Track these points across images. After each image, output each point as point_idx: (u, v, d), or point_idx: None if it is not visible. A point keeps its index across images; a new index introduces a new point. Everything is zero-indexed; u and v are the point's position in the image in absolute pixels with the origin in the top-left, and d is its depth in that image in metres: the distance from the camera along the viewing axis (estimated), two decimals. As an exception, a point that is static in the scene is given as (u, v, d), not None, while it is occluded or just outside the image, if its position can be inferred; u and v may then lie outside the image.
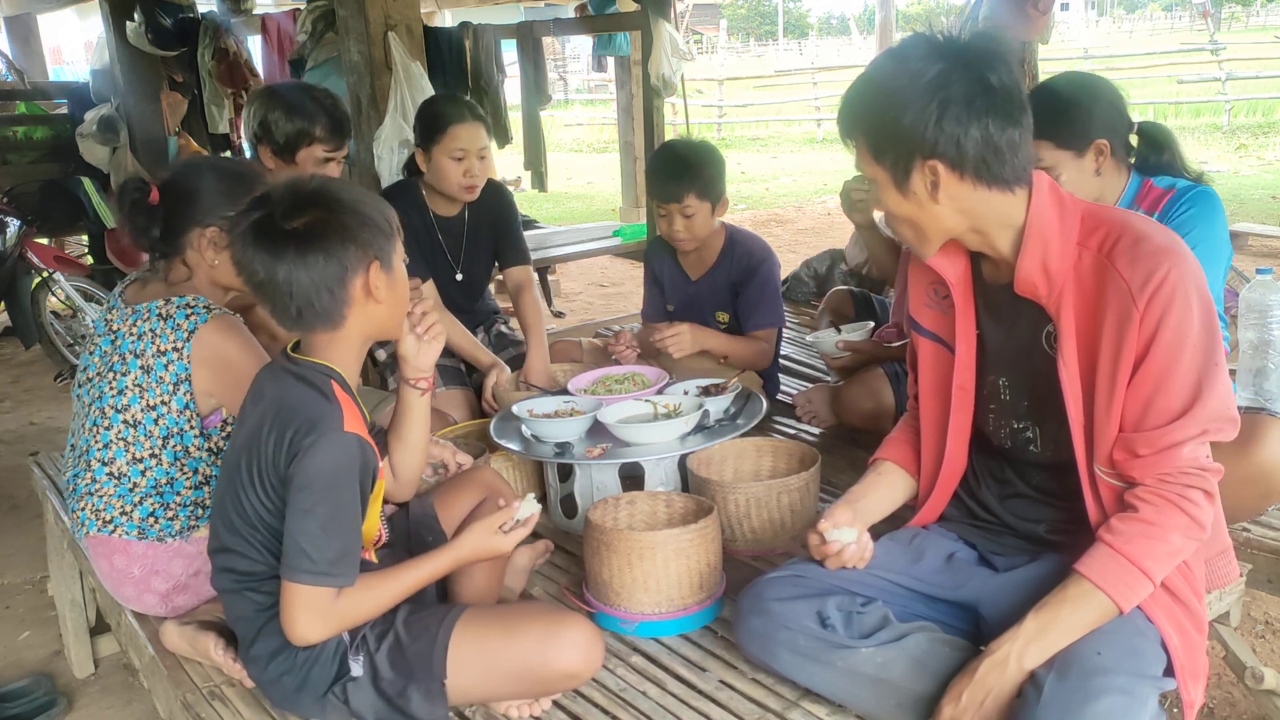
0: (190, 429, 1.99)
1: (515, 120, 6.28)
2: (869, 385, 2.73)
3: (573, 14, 7.54)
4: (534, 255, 3.36)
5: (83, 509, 2.02)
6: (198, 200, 2.01)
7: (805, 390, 3.02)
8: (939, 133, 1.44)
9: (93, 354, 2.09)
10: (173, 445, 1.99)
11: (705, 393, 2.50)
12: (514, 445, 2.36)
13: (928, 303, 1.76)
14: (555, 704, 1.70)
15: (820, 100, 17.17)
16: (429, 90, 3.78)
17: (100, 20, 6.21)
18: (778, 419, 2.99)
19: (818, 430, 2.90)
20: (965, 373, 1.70)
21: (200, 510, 2.01)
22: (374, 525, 1.69)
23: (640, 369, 2.72)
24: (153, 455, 1.98)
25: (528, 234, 3.37)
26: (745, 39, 47.88)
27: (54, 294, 5.31)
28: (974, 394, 1.71)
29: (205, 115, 6.08)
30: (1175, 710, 1.55)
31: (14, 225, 5.29)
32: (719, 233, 2.97)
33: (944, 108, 1.43)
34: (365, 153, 3.88)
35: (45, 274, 5.24)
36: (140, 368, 1.97)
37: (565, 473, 2.40)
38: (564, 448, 2.32)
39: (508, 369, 2.90)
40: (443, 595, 1.89)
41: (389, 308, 1.63)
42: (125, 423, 1.98)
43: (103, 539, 1.99)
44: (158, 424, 1.97)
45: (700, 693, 1.72)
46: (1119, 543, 1.46)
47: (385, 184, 3.73)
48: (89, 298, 5.36)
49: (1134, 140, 2.27)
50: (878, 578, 1.71)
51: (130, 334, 1.99)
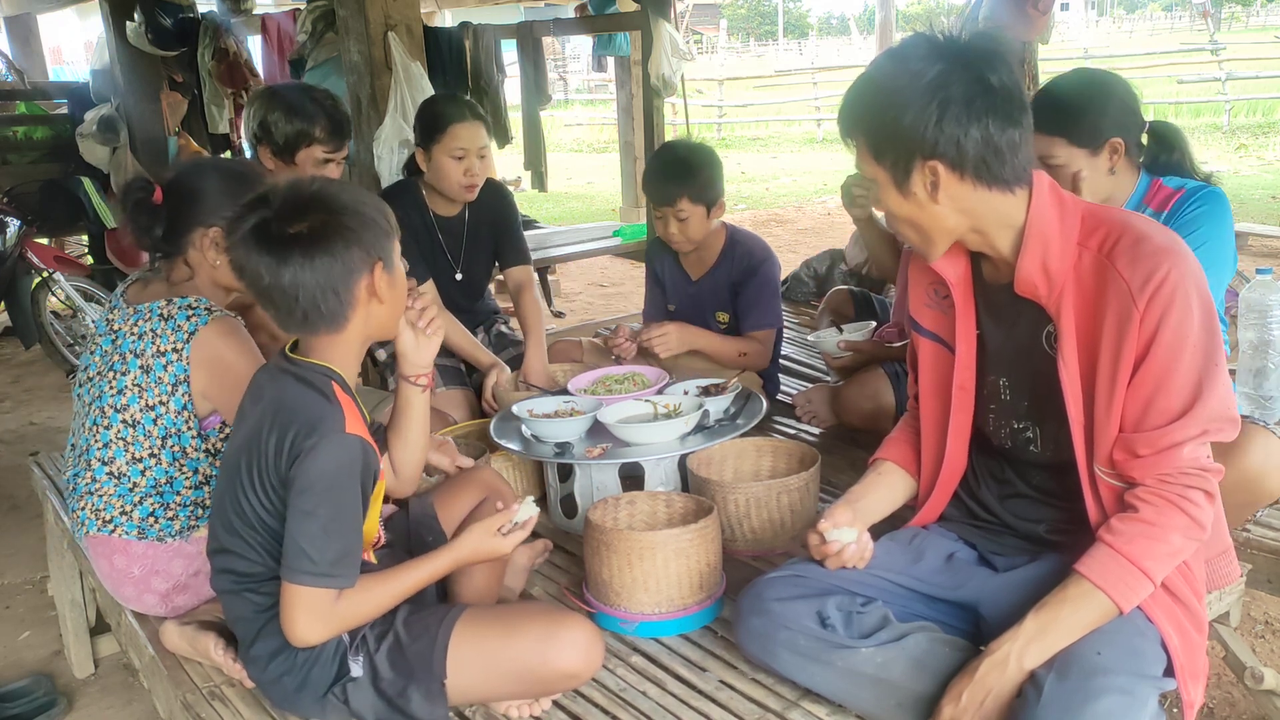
0: (188, 430, 1.99)
1: (515, 120, 6.27)
2: (869, 385, 2.73)
3: (573, 14, 7.54)
4: (534, 255, 3.36)
5: (83, 508, 2.02)
6: (201, 200, 2.01)
7: (805, 390, 3.02)
8: (939, 133, 1.44)
9: (93, 353, 2.09)
10: (171, 445, 1.99)
11: (705, 393, 2.50)
12: (514, 445, 2.36)
13: (928, 303, 1.76)
14: (555, 704, 1.70)
15: (820, 100, 17.17)
16: (429, 90, 3.77)
17: (100, 20, 6.21)
18: (778, 419, 2.99)
19: (818, 430, 2.90)
20: (965, 373, 1.70)
21: (200, 510, 2.01)
22: (374, 526, 1.69)
23: (640, 369, 2.72)
24: (152, 455, 1.98)
25: (528, 234, 3.37)
26: (745, 39, 47.87)
27: (54, 294, 5.31)
28: (974, 394, 1.71)
29: (205, 115, 6.08)
30: (1175, 710, 1.55)
31: (14, 225, 5.29)
32: (719, 233, 2.97)
33: (944, 108, 1.43)
34: (365, 153, 3.88)
35: (45, 274, 5.24)
36: (140, 368, 1.96)
37: (565, 473, 2.40)
38: (564, 448, 2.32)
39: (508, 369, 2.90)
40: (443, 595, 1.89)
41: (390, 308, 1.63)
42: (125, 422, 1.98)
43: (103, 539, 1.99)
44: (156, 424, 1.97)
45: (700, 693, 1.72)
46: (1119, 543, 1.46)
47: (385, 184, 3.73)
48: (89, 298, 5.36)
49: (1144, 139, 2.24)
50: (878, 578, 1.71)
51: (131, 334, 1.99)
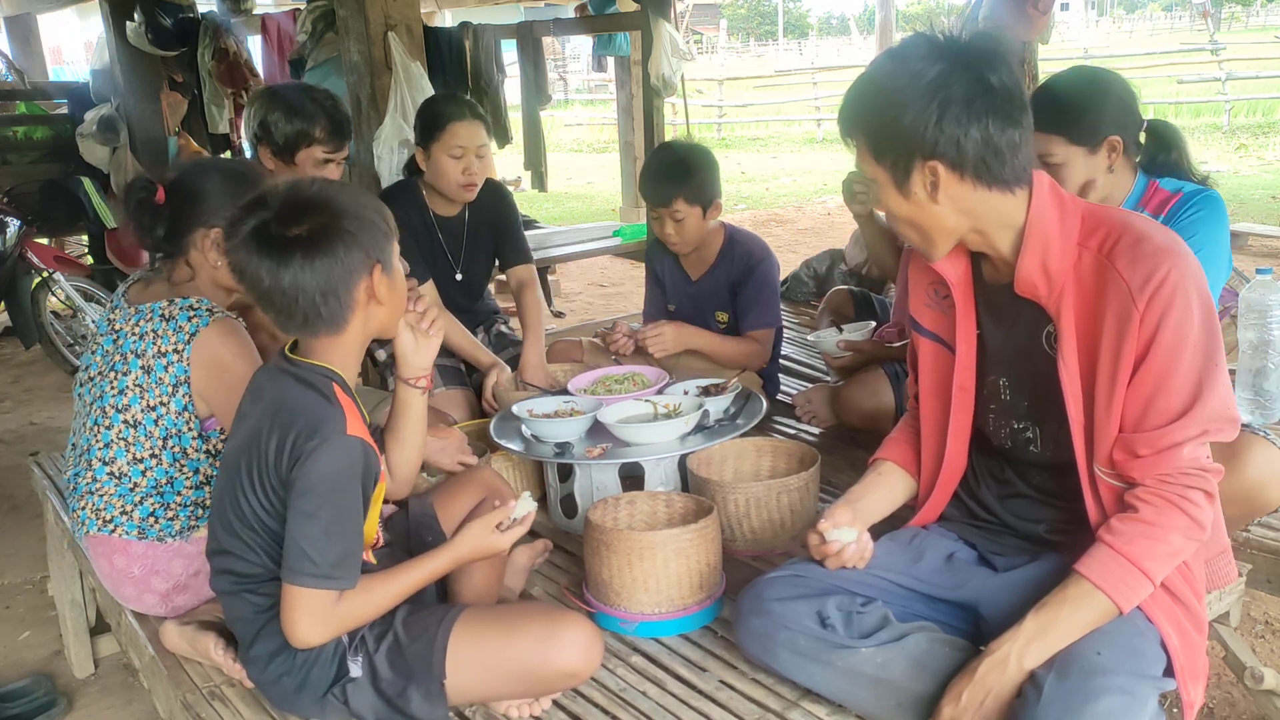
0: (188, 431, 1.99)
1: (515, 120, 6.27)
2: (869, 385, 2.73)
3: (573, 14, 7.54)
4: (534, 255, 3.36)
5: (83, 508, 2.02)
6: (203, 201, 2.01)
7: (805, 390, 3.02)
8: (939, 133, 1.44)
9: (95, 353, 2.08)
10: (172, 446, 1.99)
11: (705, 393, 2.50)
12: (514, 445, 2.36)
13: (928, 303, 1.76)
14: (555, 704, 1.70)
15: (820, 100, 17.17)
16: (429, 90, 3.77)
17: (100, 20, 6.21)
18: (778, 419, 2.99)
19: (818, 430, 2.90)
20: (965, 373, 1.70)
21: (200, 510, 2.01)
22: (373, 528, 1.69)
23: (640, 369, 2.72)
24: (153, 455, 1.98)
25: (528, 234, 3.37)
26: (745, 39, 47.88)
27: (54, 294, 5.31)
28: (974, 394, 1.71)
29: (205, 115, 6.08)
30: (1175, 710, 1.55)
31: (14, 225, 5.28)
32: (718, 233, 2.97)
33: (944, 108, 1.43)
34: (365, 153, 3.88)
35: (45, 274, 5.24)
36: (141, 368, 1.97)
37: (565, 473, 2.40)
38: (564, 448, 2.32)
39: (508, 369, 2.90)
40: (442, 595, 1.89)
41: (390, 309, 1.64)
42: (126, 423, 1.98)
43: (103, 538, 1.99)
44: (157, 425, 1.97)
45: (700, 693, 1.72)
46: (1119, 543, 1.46)
47: (385, 184, 3.73)
48: (89, 298, 5.36)
49: (1142, 138, 2.22)
50: (878, 578, 1.71)
51: (132, 334, 1.99)
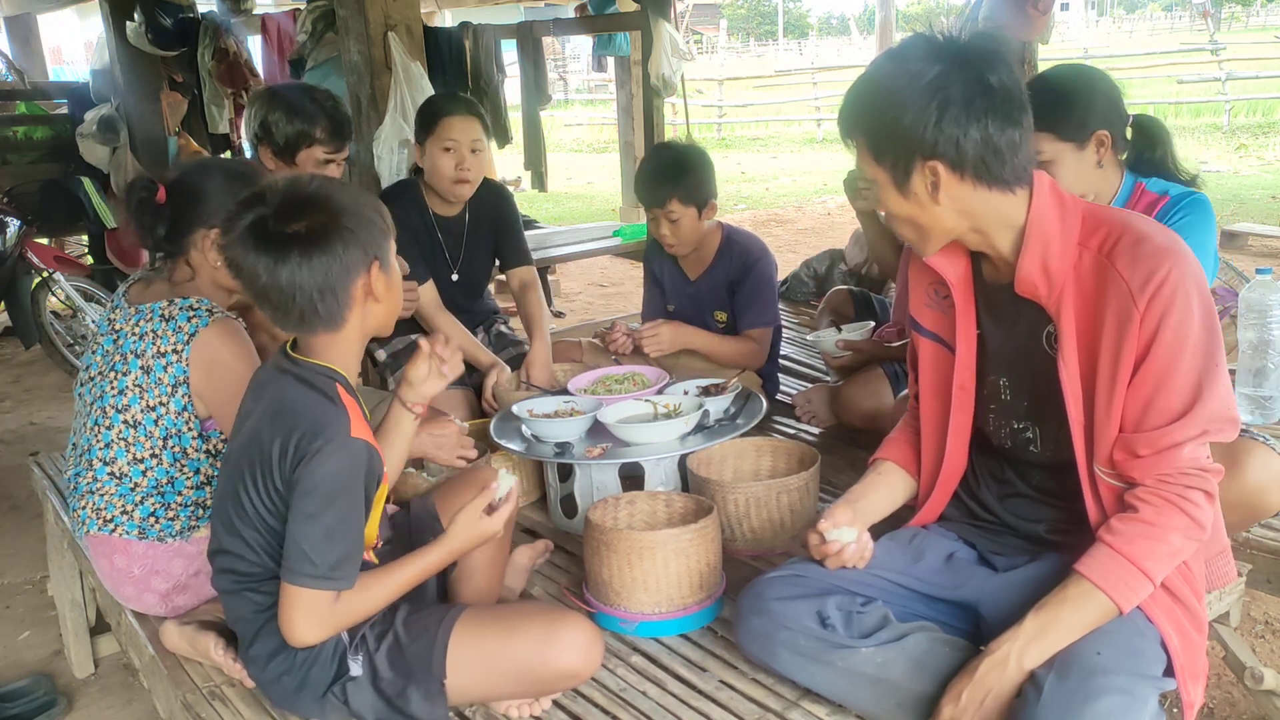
0: (188, 431, 1.99)
1: (515, 120, 6.27)
2: (869, 385, 2.73)
3: (573, 14, 7.54)
4: (534, 255, 3.36)
5: (84, 508, 2.02)
6: (204, 201, 2.01)
7: (805, 390, 3.03)
8: (939, 133, 1.44)
9: (95, 353, 2.09)
10: (172, 446, 1.99)
11: (705, 393, 2.50)
12: (514, 445, 2.36)
13: (928, 303, 1.76)
14: (555, 704, 1.70)
15: (820, 100, 17.17)
16: (429, 90, 3.77)
17: (100, 20, 6.21)
18: (778, 419, 2.99)
19: (818, 430, 2.90)
20: (965, 373, 1.70)
21: (201, 510, 2.02)
22: (374, 529, 1.69)
23: (640, 369, 2.72)
24: (153, 455, 1.98)
25: (528, 234, 3.37)
26: (745, 39, 47.88)
27: (54, 294, 5.31)
28: (974, 394, 1.71)
29: (205, 115, 6.08)
30: (1175, 710, 1.55)
31: (14, 225, 5.28)
32: (715, 232, 2.97)
33: (943, 109, 1.43)
34: (365, 153, 3.88)
35: (45, 274, 5.24)
36: (141, 368, 1.97)
37: (565, 473, 2.40)
38: (564, 448, 2.32)
39: (508, 369, 2.90)
40: (443, 595, 1.89)
41: (387, 306, 1.64)
42: (126, 423, 1.98)
43: (103, 538, 1.99)
44: (157, 425, 1.97)
45: (700, 693, 1.72)
46: (1119, 543, 1.46)
47: (385, 184, 3.73)
48: (89, 298, 5.36)
49: (1128, 134, 2.21)
50: (878, 577, 1.71)
51: (132, 334, 1.99)
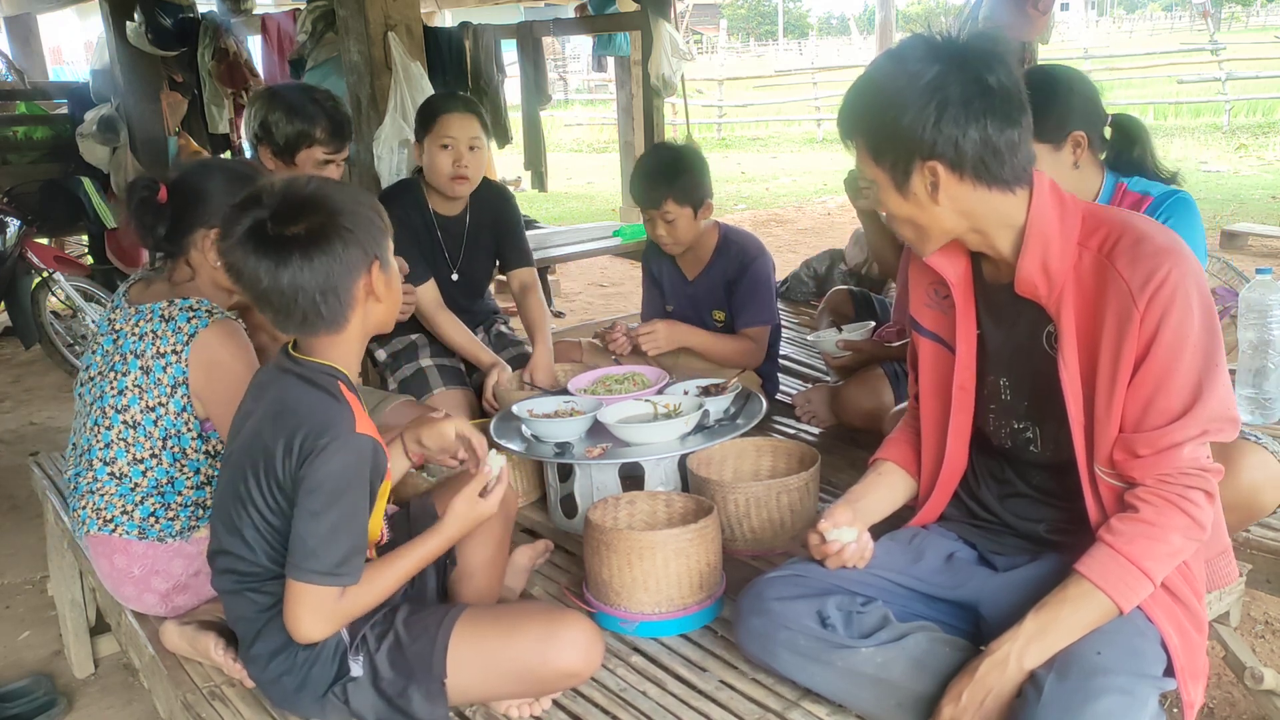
0: (188, 431, 1.99)
1: (515, 120, 6.27)
2: (869, 385, 2.73)
3: (573, 14, 7.53)
4: (534, 255, 3.35)
5: (84, 507, 2.02)
6: (205, 201, 2.01)
7: (805, 390, 3.03)
8: (938, 134, 1.44)
9: (95, 353, 2.09)
10: (171, 447, 1.99)
11: (705, 393, 2.50)
12: (514, 445, 2.36)
13: (928, 303, 1.76)
14: (555, 704, 1.70)
15: (820, 100, 17.17)
16: (429, 90, 3.77)
17: (100, 20, 6.20)
18: (778, 419, 2.99)
19: (818, 430, 2.90)
20: (965, 373, 1.70)
21: (201, 510, 2.02)
22: (378, 524, 1.69)
23: (640, 369, 2.72)
24: (153, 456, 1.98)
25: (528, 234, 3.37)
26: (745, 39, 47.88)
27: (54, 294, 5.31)
28: (974, 394, 1.71)
29: (205, 115, 6.08)
30: (1175, 710, 1.55)
31: (14, 225, 5.28)
32: (712, 232, 2.97)
33: (942, 109, 1.43)
34: (365, 153, 3.88)
35: (45, 274, 5.24)
36: (140, 369, 1.97)
37: (565, 473, 2.40)
38: (564, 448, 2.32)
39: (508, 368, 2.90)
40: (442, 595, 1.89)
41: (388, 305, 1.64)
42: (125, 423, 1.98)
43: (103, 538, 1.99)
44: (157, 425, 1.97)
45: (700, 693, 1.72)
46: (1119, 543, 1.47)
47: (385, 184, 3.73)
48: (89, 298, 5.36)
49: (1107, 133, 2.21)
50: (878, 577, 1.71)
51: (132, 334, 1.99)
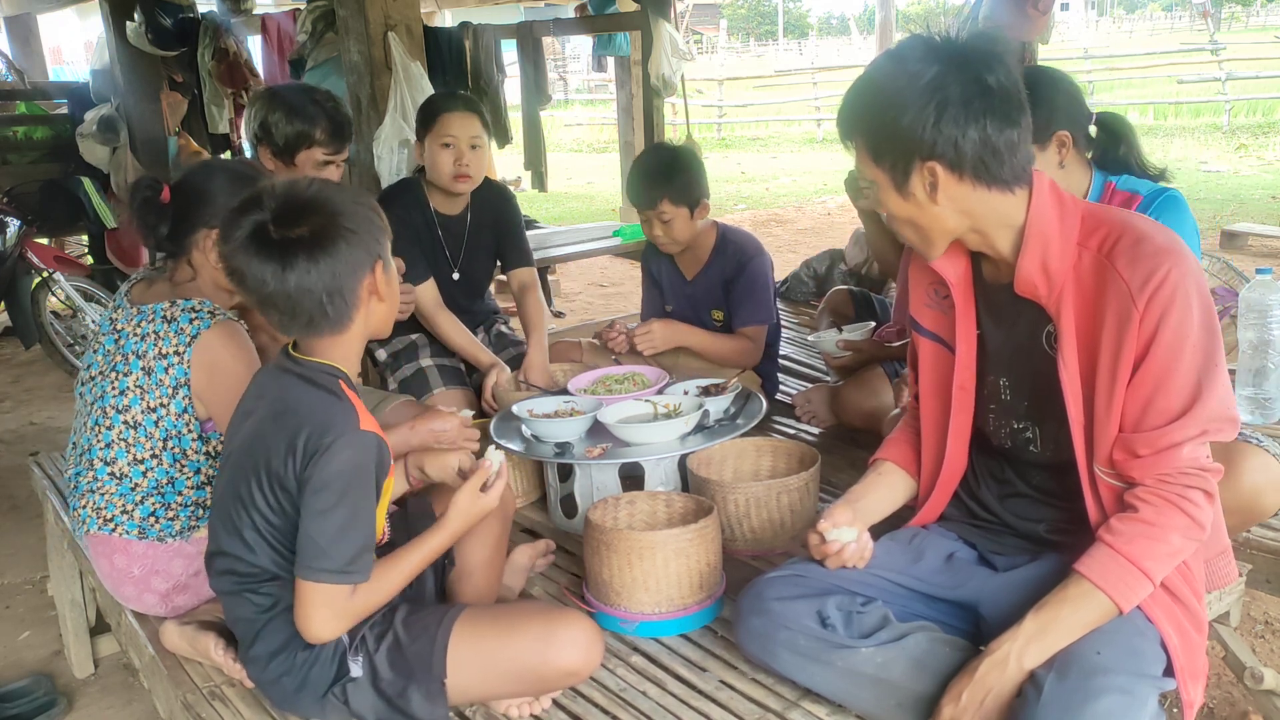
0: (188, 433, 1.99)
1: (515, 120, 6.26)
2: (869, 385, 2.73)
3: (573, 14, 7.53)
4: (534, 255, 3.35)
5: (84, 507, 2.02)
6: (208, 201, 2.01)
7: (805, 390, 3.03)
8: (937, 134, 1.44)
9: (96, 352, 2.09)
10: (172, 447, 1.99)
11: (705, 393, 2.50)
12: (514, 445, 2.36)
13: (928, 303, 1.76)
14: (555, 704, 1.70)
15: (820, 100, 17.18)
16: (429, 90, 3.77)
17: (100, 20, 6.20)
18: (778, 419, 2.99)
19: (818, 430, 2.90)
20: (965, 373, 1.70)
21: (201, 510, 2.02)
22: (383, 519, 1.69)
23: (640, 369, 2.72)
24: (154, 456, 1.98)
25: (528, 234, 3.37)
26: (745, 39, 47.87)
27: (54, 294, 5.31)
28: (974, 394, 1.71)
29: (205, 115, 6.07)
30: (1175, 710, 1.55)
31: (14, 225, 5.28)
32: (710, 232, 2.97)
33: (941, 109, 1.43)
34: (365, 153, 3.88)
35: (45, 274, 5.24)
36: (142, 369, 1.97)
37: (565, 473, 2.40)
38: (564, 448, 2.33)
39: (508, 369, 2.90)
40: (441, 595, 1.89)
41: (388, 305, 1.64)
42: (126, 424, 1.98)
43: (103, 538, 1.99)
44: (158, 426, 1.97)
45: (700, 693, 1.72)
46: (1119, 543, 1.47)
47: (385, 184, 3.73)
48: (89, 298, 5.36)
49: (1092, 131, 2.20)
50: (878, 577, 1.71)
51: (134, 334, 1.99)
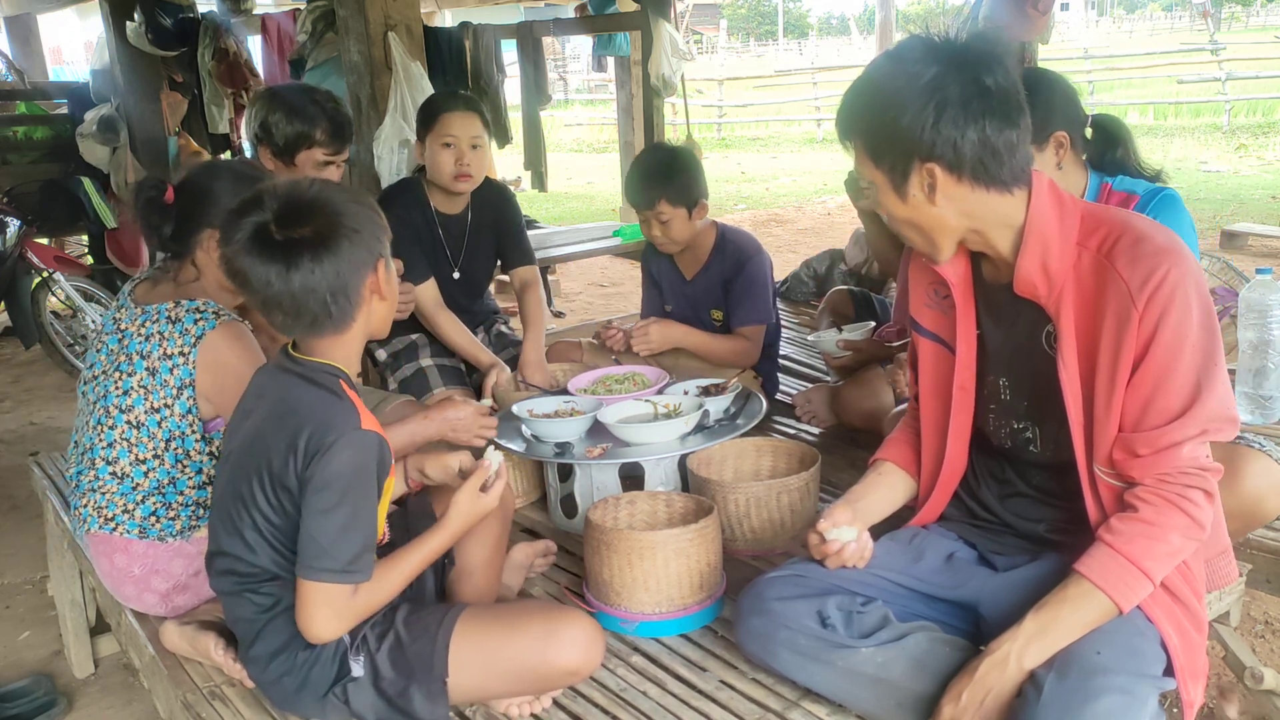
0: (192, 433, 1.99)
1: (515, 120, 6.26)
2: (869, 385, 2.73)
3: (573, 14, 7.53)
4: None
5: (85, 505, 2.02)
6: (212, 202, 2.01)
7: (805, 390, 3.03)
8: (936, 135, 1.44)
9: (99, 351, 2.09)
10: (175, 448, 1.99)
11: (705, 393, 2.51)
12: (514, 445, 2.36)
13: (928, 303, 1.76)
14: (555, 704, 1.71)
15: (820, 100, 17.18)
16: (429, 90, 3.77)
17: (100, 20, 6.20)
18: (778, 419, 2.99)
19: (818, 430, 2.90)
20: (965, 373, 1.70)
21: (202, 510, 2.02)
22: (382, 522, 1.69)
23: (640, 369, 2.72)
24: (155, 456, 1.99)
25: (528, 234, 3.37)
26: (745, 39, 47.87)
27: (54, 294, 5.31)
28: (974, 394, 1.71)
29: (205, 115, 6.07)
30: (1175, 710, 1.55)
31: (14, 225, 5.28)
32: (709, 232, 2.97)
33: (940, 110, 1.43)
34: (365, 153, 3.88)
35: (45, 274, 5.24)
36: (146, 369, 1.97)
37: (565, 473, 2.40)
38: (564, 448, 2.33)
39: (508, 369, 2.90)
40: (440, 594, 1.89)
41: (389, 304, 1.65)
42: (129, 423, 1.98)
43: (104, 537, 1.99)
44: (161, 426, 1.98)
45: (700, 693, 1.72)
46: (1119, 542, 1.47)
47: (385, 184, 3.73)
48: (89, 298, 5.36)
49: (1088, 134, 2.21)
50: (878, 577, 1.71)
51: (139, 334, 1.99)
